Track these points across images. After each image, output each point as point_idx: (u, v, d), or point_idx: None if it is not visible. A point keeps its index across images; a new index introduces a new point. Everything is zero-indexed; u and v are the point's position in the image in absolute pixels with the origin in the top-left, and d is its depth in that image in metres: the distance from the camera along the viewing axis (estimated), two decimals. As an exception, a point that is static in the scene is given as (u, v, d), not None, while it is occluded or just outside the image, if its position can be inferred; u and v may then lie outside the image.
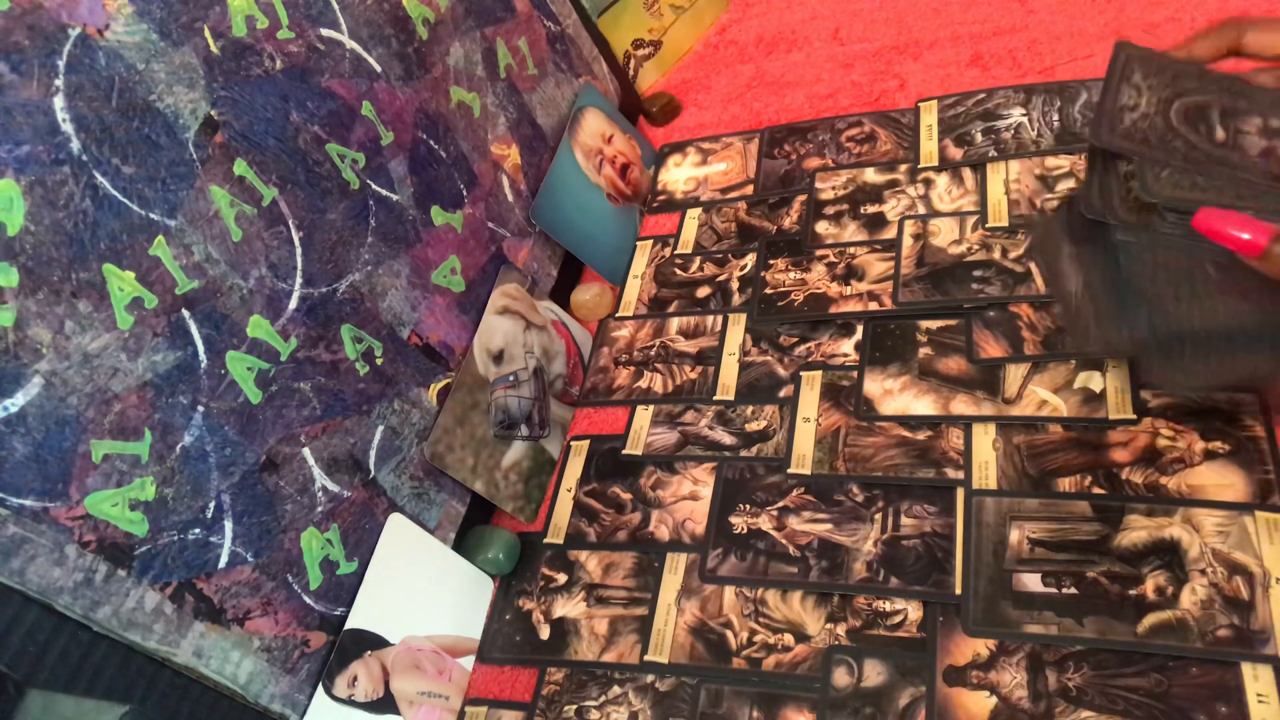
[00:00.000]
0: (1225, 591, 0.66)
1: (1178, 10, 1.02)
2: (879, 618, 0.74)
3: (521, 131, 1.04)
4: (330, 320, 0.77)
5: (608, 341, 1.04)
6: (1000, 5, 1.14)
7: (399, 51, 0.87)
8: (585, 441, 0.96)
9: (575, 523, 0.90)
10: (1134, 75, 0.61)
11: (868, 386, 0.87)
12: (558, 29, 1.12)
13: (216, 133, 0.68)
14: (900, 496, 0.79)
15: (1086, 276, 0.64)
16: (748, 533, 0.82)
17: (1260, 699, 0.62)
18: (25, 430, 0.55)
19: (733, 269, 1.03)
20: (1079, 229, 0.64)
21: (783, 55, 1.25)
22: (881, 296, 0.92)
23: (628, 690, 0.77)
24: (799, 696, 0.72)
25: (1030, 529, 0.73)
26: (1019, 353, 0.83)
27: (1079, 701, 0.65)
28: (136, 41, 0.63)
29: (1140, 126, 0.59)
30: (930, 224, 0.96)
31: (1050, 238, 0.67)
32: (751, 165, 1.13)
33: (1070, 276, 0.65)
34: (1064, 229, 0.66)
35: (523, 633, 0.84)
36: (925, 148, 1.03)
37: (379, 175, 0.83)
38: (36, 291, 0.56)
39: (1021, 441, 0.78)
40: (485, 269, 0.96)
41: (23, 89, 0.56)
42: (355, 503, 0.78)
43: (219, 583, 0.66)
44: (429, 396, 0.87)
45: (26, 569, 0.55)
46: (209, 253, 0.67)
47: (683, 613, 0.80)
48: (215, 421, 0.67)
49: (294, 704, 0.71)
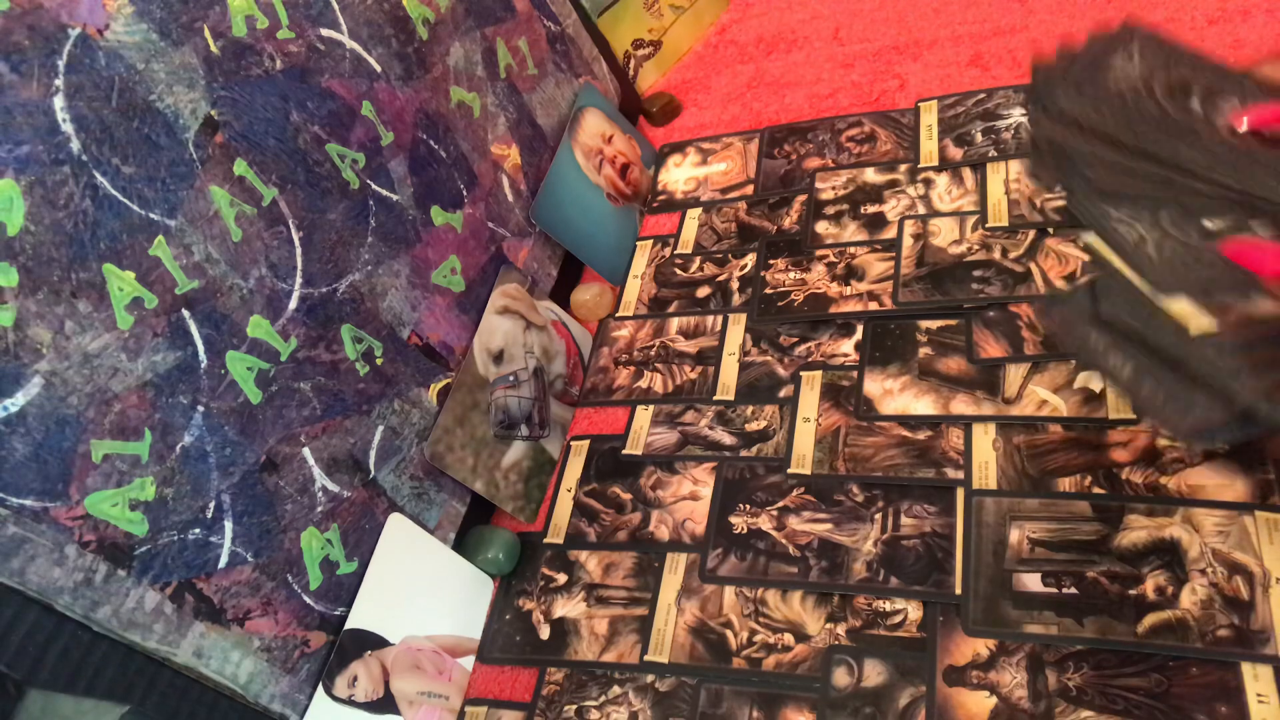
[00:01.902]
0: (1225, 591, 0.66)
1: (1178, 10, 1.02)
2: (879, 618, 0.74)
3: (521, 131, 1.04)
4: (330, 320, 0.77)
5: (608, 341, 1.04)
6: (1000, 5, 1.14)
7: (399, 51, 0.87)
8: (585, 441, 0.96)
9: (575, 523, 0.90)
10: (1131, 43, 0.62)
11: (868, 386, 0.87)
12: (558, 29, 1.12)
13: (216, 133, 0.68)
14: (900, 496, 0.79)
15: (1135, 364, 0.63)
16: (748, 533, 0.82)
17: (1260, 699, 0.62)
18: (25, 430, 0.55)
19: (733, 269, 1.03)
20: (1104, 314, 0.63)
21: (783, 55, 1.25)
22: (881, 296, 0.92)
23: (628, 690, 0.77)
24: (799, 696, 0.72)
25: (1030, 529, 0.73)
26: (1019, 353, 0.83)
27: (1079, 701, 0.65)
28: (136, 41, 0.63)
29: (1119, 88, 0.60)
30: (930, 224, 0.96)
31: (1077, 329, 0.66)
32: (751, 165, 1.13)
33: (1119, 366, 0.64)
34: (1088, 317, 0.65)
35: (523, 633, 0.84)
36: (925, 148, 1.03)
37: (379, 175, 0.83)
38: (36, 291, 0.56)
39: (1021, 441, 0.78)
40: (485, 269, 0.96)
41: (23, 89, 0.56)
42: (355, 503, 0.78)
43: (219, 583, 0.66)
44: (429, 396, 0.87)
45: (26, 569, 0.55)
46: (209, 253, 0.67)
47: (683, 613, 0.80)
48: (215, 421, 0.67)
49: (294, 704, 0.71)
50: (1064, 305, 0.67)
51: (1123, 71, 0.62)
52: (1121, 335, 0.62)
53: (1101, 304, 0.62)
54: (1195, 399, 0.58)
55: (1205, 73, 0.61)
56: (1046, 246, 0.88)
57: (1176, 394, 0.60)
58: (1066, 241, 0.88)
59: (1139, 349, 0.61)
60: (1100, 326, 0.63)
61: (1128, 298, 0.61)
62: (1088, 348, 0.64)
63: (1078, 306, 0.65)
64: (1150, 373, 0.61)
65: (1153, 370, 0.61)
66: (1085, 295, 0.65)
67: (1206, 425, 0.59)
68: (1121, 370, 0.63)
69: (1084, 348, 0.65)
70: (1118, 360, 0.63)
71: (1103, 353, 0.63)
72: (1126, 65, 0.62)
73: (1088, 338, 0.64)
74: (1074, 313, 0.65)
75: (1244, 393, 0.56)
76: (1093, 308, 0.63)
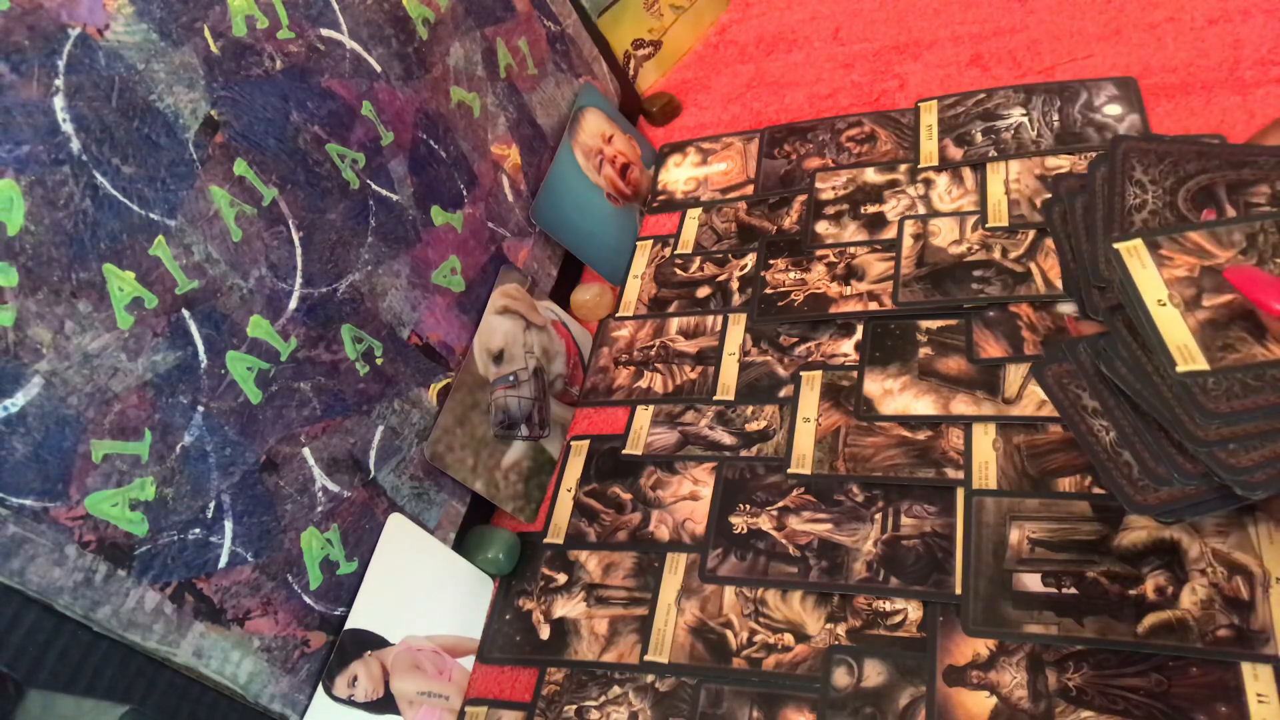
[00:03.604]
0: (1225, 591, 0.66)
1: (1177, 10, 1.02)
2: (879, 618, 0.74)
3: (521, 131, 1.04)
4: (330, 320, 0.77)
5: (608, 341, 1.04)
6: (1000, 5, 1.14)
7: (399, 51, 0.87)
8: (585, 441, 0.96)
9: (575, 523, 0.90)
10: (1135, 171, 0.60)
11: (868, 386, 0.87)
12: (558, 29, 1.12)
13: (216, 133, 0.68)
14: (900, 496, 0.79)
15: (1120, 432, 0.61)
16: (748, 533, 0.82)
17: (1260, 699, 0.62)
18: (25, 430, 0.55)
19: (733, 269, 1.03)
20: (1105, 371, 0.62)
21: (783, 55, 1.25)
22: (881, 296, 0.92)
23: (628, 690, 0.77)
24: (799, 696, 0.72)
25: (1030, 529, 0.73)
26: (1019, 353, 0.83)
27: (1079, 701, 0.65)
28: (136, 41, 0.63)
29: (1151, 225, 0.58)
30: (930, 224, 0.96)
31: (1070, 387, 0.64)
32: (751, 165, 1.13)
33: (1103, 430, 0.63)
34: (1088, 374, 0.63)
35: (523, 633, 0.84)
36: (925, 148, 1.03)
37: (379, 175, 0.83)
38: (36, 291, 0.56)
39: (1021, 441, 0.78)
40: (485, 269, 0.96)
41: (23, 89, 0.56)
42: (355, 503, 0.78)
43: (219, 583, 0.66)
44: (429, 396, 0.87)
45: (26, 569, 0.55)
46: (209, 253, 0.67)
47: (683, 613, 0.80)
48: (215, 421, 0.67)
49: (294, 704, 0.71)
50: (1060, 361, 0.65)
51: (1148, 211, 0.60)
52: (1114, 395, 0.60)
53: (1101, 361, 0.61)
54: (1170, 474, 0.57)
55: (1214, 162, 0.59)
56: (1046, 247, 0.88)
57: (1150, 466, 0.59)
58: (1066, 241, 0.88)
59: (1126, 412, 0.60)
60: (1094, 385, 0.61)
61: (1130, 355, 0.59)
62: (1079, 406, 0.63)
63: (1077, 362, 0.64)
64: (1130, 443, 0.60)
65: (1135, 439, 0.59)
66: (1086, 351, 0.64)
67: (1172, 500, 0.58)
68: (1105, 434, 0.61)
69: (1075, 406, 0.63)
70: (1102, 423, 0.62)
71: (1090, 414, 0.62)
72: (1143, 197, 0.60)
73: (1080, 398, 0.63)
74: (1071, 369, 0.64)
75: (1228, 467, 0.54)
76: (1093, 364, 0.62)
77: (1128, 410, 0.60)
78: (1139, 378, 0.58)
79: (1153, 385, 0.58)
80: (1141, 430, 0.59)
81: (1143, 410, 0.59)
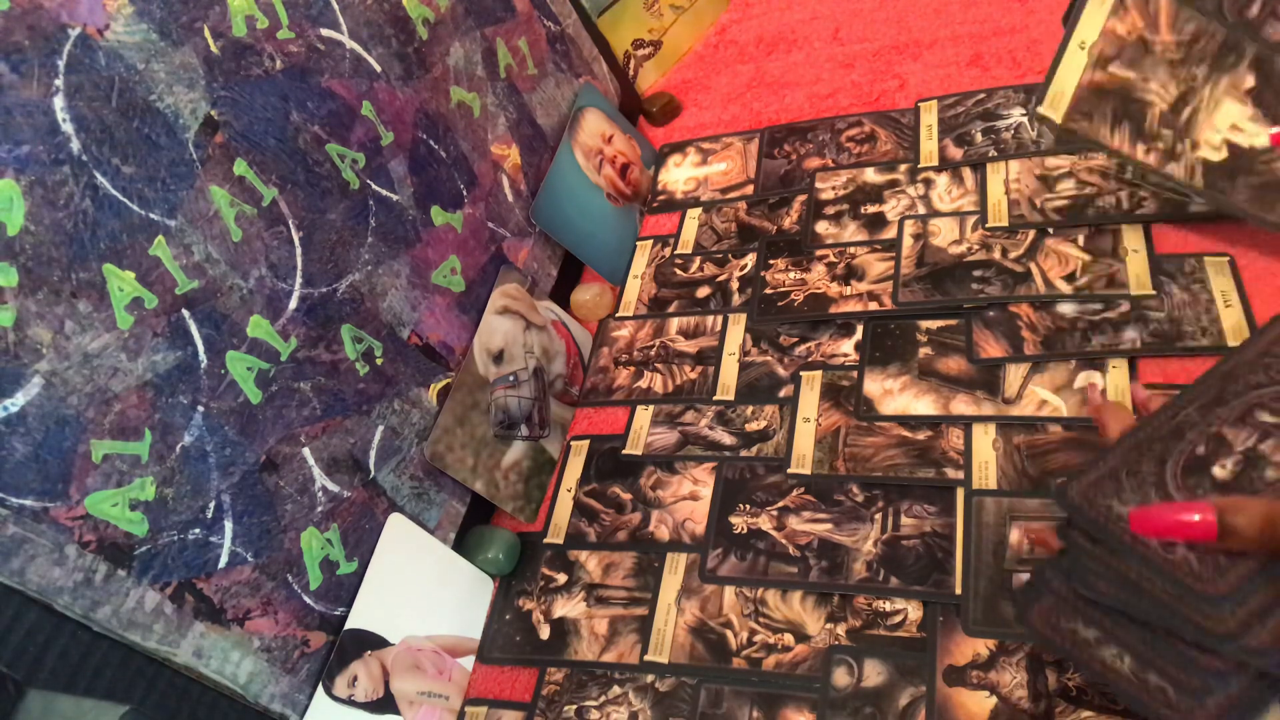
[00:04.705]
0: (1225, 592, 0.66)
1: (1178, 10, 1.02)
2: (879, 618, 0.74)
3: (521, 131, 1.04)
4: (330, 320, 0.77)
5: (608, 341, 1.04)
6: (1000, 5, 1.14)
7: (399, 51, 0.87)
8: (585, 441, 0.96)
9: (575, 523, 0.90)
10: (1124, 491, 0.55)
11: (868, 386, 0.87)
12: (558, 29, 1.12)
13: (216, 133, 0.68)
14: (900, 496, 0.79)
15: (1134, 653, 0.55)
16: (748, 533, 0.82)
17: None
18: (25, 430, 0.55)
19: (733, 269, 1.03)
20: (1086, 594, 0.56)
21: (783, 55, 1.25)
22: (881, 296, 0.92)
23: (628, 690, 0.77)
24: (799, 696, 0.72)
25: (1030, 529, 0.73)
26: (1019, 353, 0.83)
27: (1079, 701, 0.65)
28: (136, 41, 0.63)
29: None
30: (930, 224, 0.96)
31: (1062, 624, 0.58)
32: (751, 165, 1.13)
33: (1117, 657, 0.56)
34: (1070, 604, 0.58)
35: (523, 633, 0.84)
36: (925, 148, 1.03)
37: (379, 175, 0.83)
38: (36, 291, 0.56)
39: (1021, 441, 0.78)
40: (485, 269, 0.96)
41: (23, 89, 0.56)
42: (355, 503, 0.78)
43: (219, 583, 0.66)
44: (429, 396, 0.87)
45: (26, 569, 0.55)
46: (209, 253, 0.67)
47: (683, 613, 0.80)
48: (215, 421, 0.67)
49: (294, 704, 0.71)
50: (1039, 599, 0.59)
51: None
52: (1108, 615, 0.55)
53: (1078, 583, 0.56)
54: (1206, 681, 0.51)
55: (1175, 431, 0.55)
56: (1046, 246, 0.88)
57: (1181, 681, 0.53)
58: (1066, 241, 0.88)
59: (1130, 629, 0.54)
60: (1085, 612, 0.57)
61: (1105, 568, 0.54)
62: (1079, 641, 0.57)
63: (1054, 594, 0.58)
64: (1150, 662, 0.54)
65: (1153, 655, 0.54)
66: (1056, 577, 0.58)
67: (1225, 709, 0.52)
68: (1120, 662, 0.55)
69: (1075, 642, 0.57)
70: (1112, 651, 0.56)
71: (1095, 645, 0.56)
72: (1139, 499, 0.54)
73: (1076, 631, 0.57)
74: (1052, 603, 0.58)
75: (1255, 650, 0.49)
76: (1069, 590, 0.57)
77: (1129, 626, 0.55)
78: (1124, 587, 0.54)
79: (1142, 592, 0.53)
80: (1154, 642, 0.54)
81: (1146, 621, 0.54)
